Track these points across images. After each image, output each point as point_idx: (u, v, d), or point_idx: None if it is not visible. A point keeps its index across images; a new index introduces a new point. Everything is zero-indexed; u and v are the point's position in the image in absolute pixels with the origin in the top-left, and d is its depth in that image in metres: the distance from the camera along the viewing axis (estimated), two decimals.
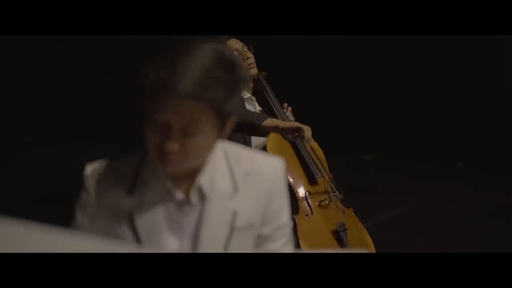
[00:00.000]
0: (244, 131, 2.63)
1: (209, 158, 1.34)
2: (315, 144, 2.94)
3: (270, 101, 2.93)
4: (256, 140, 2.85)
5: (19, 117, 5.51)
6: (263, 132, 2.61)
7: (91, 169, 1.36)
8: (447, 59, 5.77)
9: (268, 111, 2.93)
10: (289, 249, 1.42)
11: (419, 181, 5.11)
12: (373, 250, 2.66)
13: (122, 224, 1.31)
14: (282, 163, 1.41)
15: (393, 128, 6.08)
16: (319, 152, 2.96)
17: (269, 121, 2.58)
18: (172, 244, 1.31)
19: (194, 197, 1.32)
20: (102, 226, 1.33)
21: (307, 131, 2.55)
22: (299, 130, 2.54)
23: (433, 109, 5.94)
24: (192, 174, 1.32)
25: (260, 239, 1.38)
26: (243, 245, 1.34)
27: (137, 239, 1.30)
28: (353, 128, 6.26)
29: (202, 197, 1.33)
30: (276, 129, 2.59)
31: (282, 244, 1.40)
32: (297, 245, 2.53)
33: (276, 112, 2.92)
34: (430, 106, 5.94)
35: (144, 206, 1.31)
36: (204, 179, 1.32)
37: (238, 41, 2.85)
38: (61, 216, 1.47)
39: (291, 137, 2.63)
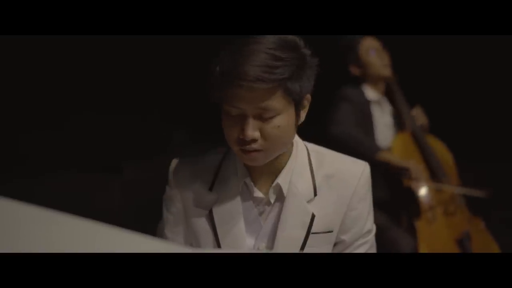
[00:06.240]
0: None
1: (291, 159, 1.33)
2: (441, 148, 2.83)
3: (398, 105, 2.84)
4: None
5: (170, 116, 5.84)
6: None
7: (176, 164, 1.40)
8: None
9: (396, 114, 2.87)
10: None
11: None
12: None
13: (202, 219, 1.34)
14: (367, 168, 1.35)
15: None
16: (447, 156, 2.81)
17: (382, 156, 2.56)
18: (248, 242, 1.32)
19: (272, 196, 1.32)
20: (184, 221, 1.37)
21: (416, 172, 2.54)
22: (406, 170, 2.55)
23: None
24: (272, 173, 1.32)
25: (341, 246, 1.36)
26: (319, 250, 1.32)
27: (215, 234, 1.33)
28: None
29: (281, 197, 1.32)
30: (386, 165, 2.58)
31: (363, 252, 1.36)
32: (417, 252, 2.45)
33: (403, 116, 2.82)
34: None
35: (223, 202, 1.33)
36: (283, 179, 1.32)
37: (376, 39, 2.82)
38: None
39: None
